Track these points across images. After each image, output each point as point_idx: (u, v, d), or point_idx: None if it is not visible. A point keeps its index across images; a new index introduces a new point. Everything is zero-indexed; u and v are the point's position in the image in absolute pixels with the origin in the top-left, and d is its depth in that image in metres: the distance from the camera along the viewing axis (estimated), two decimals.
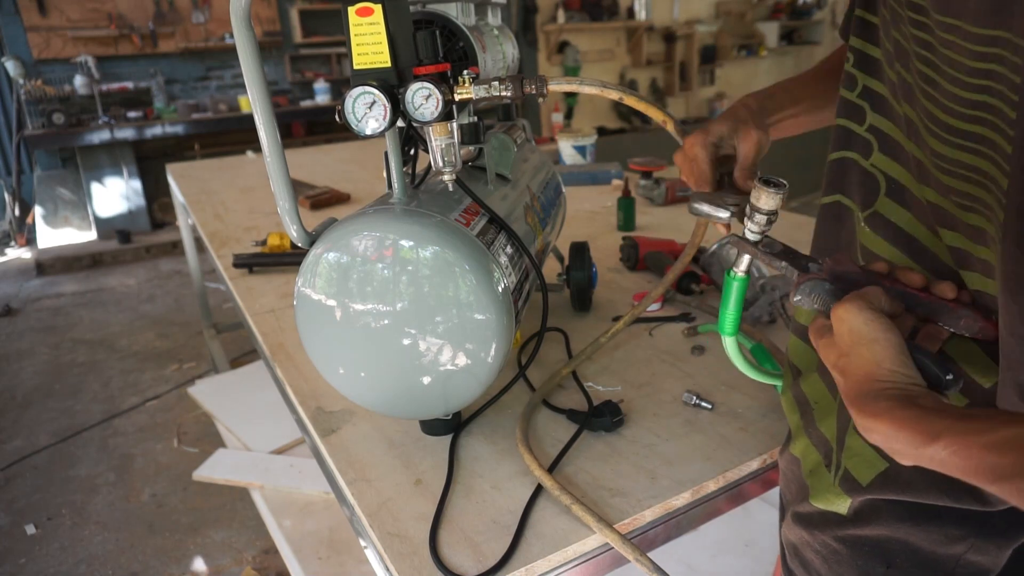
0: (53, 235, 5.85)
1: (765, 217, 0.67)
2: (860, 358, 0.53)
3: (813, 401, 0.73)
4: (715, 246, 1.37)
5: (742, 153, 0.79)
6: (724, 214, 0.73)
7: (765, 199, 0.66)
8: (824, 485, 0.67)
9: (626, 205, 1.86)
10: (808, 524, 0.69)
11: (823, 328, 0.58)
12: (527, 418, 0.97)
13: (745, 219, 0.69)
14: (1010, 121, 0.47)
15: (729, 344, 0.82)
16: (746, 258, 0.73)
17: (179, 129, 5.79)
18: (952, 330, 0.56)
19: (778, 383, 0.90)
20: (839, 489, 0.65)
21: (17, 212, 5.87)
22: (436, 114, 0.79)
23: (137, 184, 5.99)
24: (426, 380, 0.87)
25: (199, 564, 2.18)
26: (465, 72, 0.83)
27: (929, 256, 0.60)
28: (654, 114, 0.85)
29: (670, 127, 0.87)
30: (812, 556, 0.70)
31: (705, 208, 0.74)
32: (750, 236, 0.69)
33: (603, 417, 0.95)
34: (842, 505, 0.65)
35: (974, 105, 0.51)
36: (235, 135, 6.17)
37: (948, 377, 0.53)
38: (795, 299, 0.63)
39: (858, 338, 0.53)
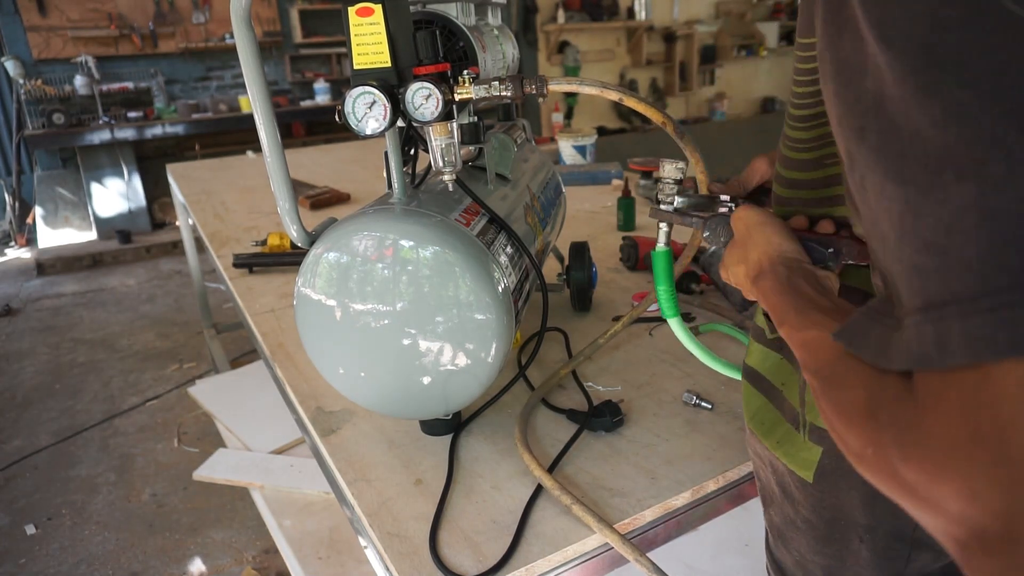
0: (53, 235, 5.85)
1: (668, 184, 0.80)
2: (754, 242, 0.64)
3: (780, 383, 0.76)
4: (715, 246, 1.37)
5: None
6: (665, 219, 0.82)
7: (666, 170, 0.80)
8: (796, 446, 0.69)
9: (626, 205, 1.86)
10: (792, 501, 0.71)
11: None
12: (526, 418, 0.97)
13: (656, 194, 0.81)
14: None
15: (676, 327, 0.87)
16: (663, 231, 0.84)
17: (179, 129, 5.79)
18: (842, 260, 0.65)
19: (734, 374, 0.93)
20: (810, 443, 0.67)
21: (17, 212, 5.87)
22: (436, 114, 0.79)
23: (137, 184, 5.99)
24: (426, 380, 0.87)
25: (199, 564, 2.18)
26: (465, 72, 0.83)
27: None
28: (653, 116, 0.85)
29: (670, 129, 0.87)
30: (792, 533, 0.72)
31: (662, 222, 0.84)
32: (663, 207, 0.81)
33: (603, 417, 0.95)
34: (813, 456, 0.67)
35: (810, 95, 0.62)
36: (235, 135, 6.17)
37: (829, 250, 0.64)
38: (704, 235, 0.75)
39: (751, 226, 0.65)
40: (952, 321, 0.33)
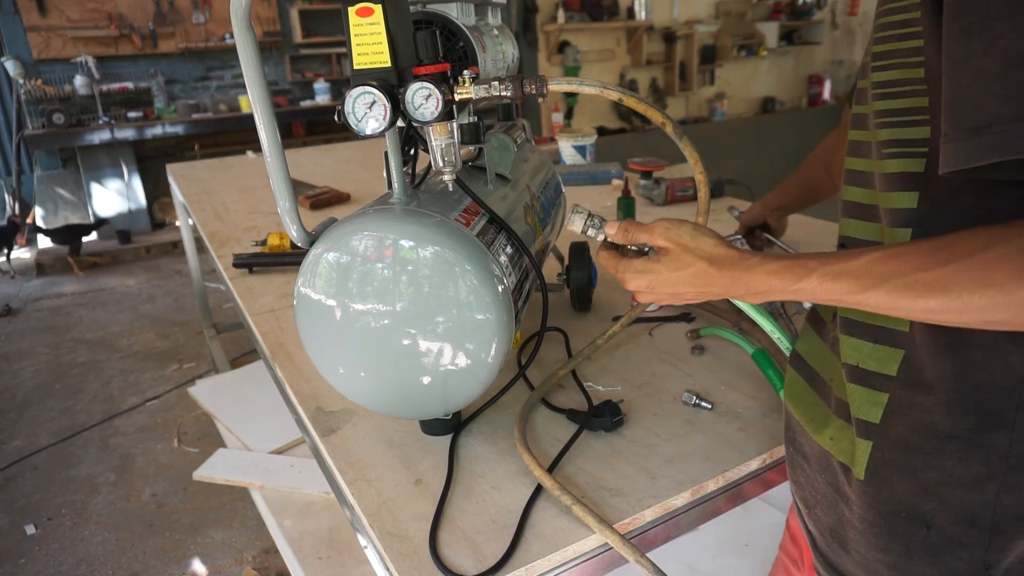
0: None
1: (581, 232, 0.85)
2: (701, 251, 0.71)
3: (828, 378, 0.75)
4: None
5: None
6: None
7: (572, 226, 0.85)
8: (847, 442, 0.69)
9: (626, 205, 1.86)
10: (845, 500, 0.70)
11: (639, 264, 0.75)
12: (525, 418, 0.97)
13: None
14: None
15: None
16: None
17: (179, 129, 5.79)
18: None
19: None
20: (858, 439, 0.67)
21: (17, 212, 5.87)
22: (436, 114, 0.79)
23: (137, 184, 5.99)
24: (426, 380, 0.87)
25: (199, 564, 2.18)
26: (465, 72, 0.83)
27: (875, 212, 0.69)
28: (653, 116, 0.85)
29: (669, 129, 0.87)
30: (851, 534, 0.70)
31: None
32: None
33: (603, 417, 0.95)
34: (864, 451, 0.66)
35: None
36: (235, 135, 6.17)
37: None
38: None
39: (688, 237, 0.72)
40: None
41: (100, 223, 5.59)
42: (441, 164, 0.86)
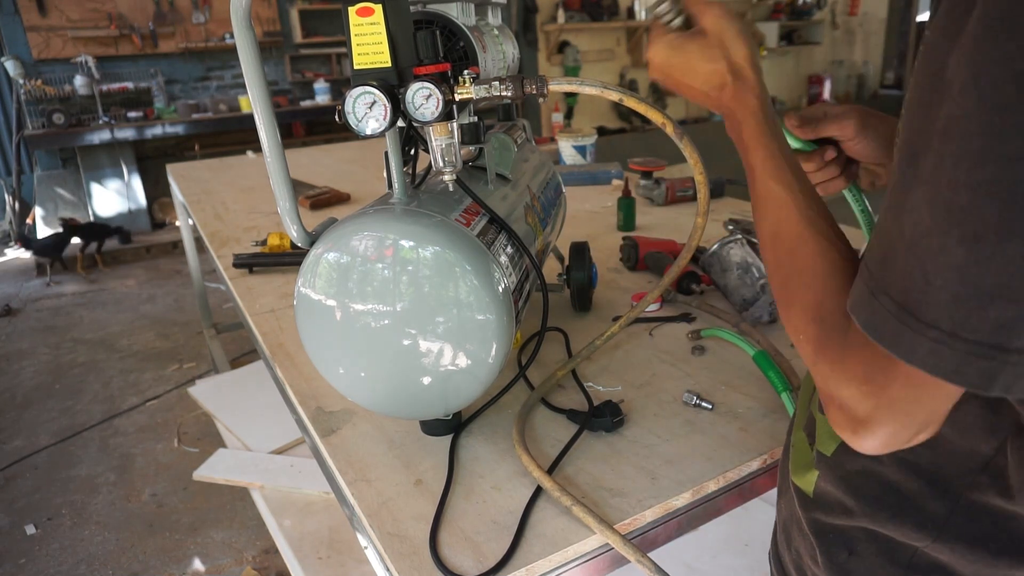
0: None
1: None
2: (736, 44, 0.67)
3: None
4: (715, 246, 1.37)
5: None
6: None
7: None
8: (804, 461, 0.69)
9: (626, 205, 1.86)
10: (802, 501, 0.71)
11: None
12: (524, 418, 0.97)
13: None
14: None
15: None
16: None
17: (179, 129, 5.79)
18: None
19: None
20: (813, 464, 0.67)
21: (17, 212, 5.87)
22: (436, 114, 0.79)
23: (137, 184, 5.98)
24: (426, 380, 0.87)
25: (199, 564, 2.18)
26: (465, 72, 0.83)
27: None
28: (653, 116, 0.85)
29: (669, 129, 0.87)
30: (795, 533, 0.71)
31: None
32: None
33: (603, 417, 0.95)
34: (811, 479, 0.66)
35: None
36: (235, 135, 6.17)
37: None
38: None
39: (730, 26, 0.67)
40: (915, 333, 0.42)
41: (117, 230, 5.61)
42: (441, 164, 0.86)
